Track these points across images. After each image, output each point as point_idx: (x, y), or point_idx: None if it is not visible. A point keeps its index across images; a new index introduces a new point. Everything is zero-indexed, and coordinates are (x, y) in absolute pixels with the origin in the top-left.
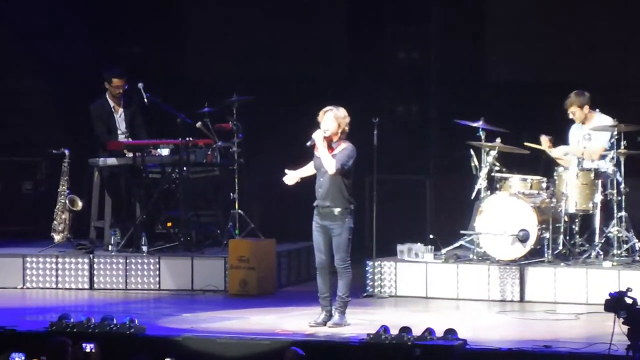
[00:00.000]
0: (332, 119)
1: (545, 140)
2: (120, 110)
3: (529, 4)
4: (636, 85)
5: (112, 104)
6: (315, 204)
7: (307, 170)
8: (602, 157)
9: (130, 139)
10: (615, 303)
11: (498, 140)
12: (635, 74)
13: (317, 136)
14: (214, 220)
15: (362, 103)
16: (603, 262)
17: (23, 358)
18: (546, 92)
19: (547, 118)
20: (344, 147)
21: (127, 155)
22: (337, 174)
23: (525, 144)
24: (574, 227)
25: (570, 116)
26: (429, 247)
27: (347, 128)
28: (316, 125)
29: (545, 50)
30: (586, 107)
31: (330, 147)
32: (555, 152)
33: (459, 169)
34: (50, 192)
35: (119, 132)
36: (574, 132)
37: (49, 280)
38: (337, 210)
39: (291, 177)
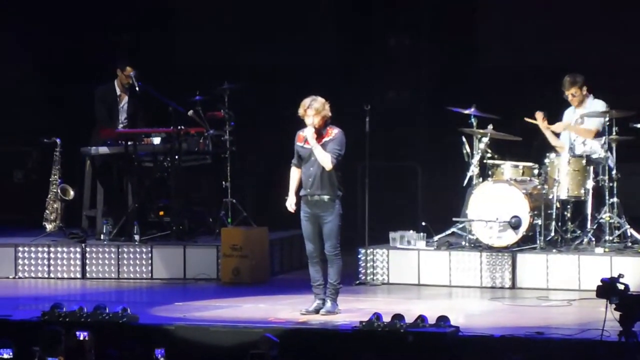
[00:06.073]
0: (313, 113)
1: (540, 115)
2: (125, 99)
3: None
4: (629, 70)
5: (119, 91)
6: (303, 194)
7: (296, 180)
8: (598, 136)
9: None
10: (607, 289)
11: (490, 127)
12: (628, 60)
13: (309, 134)
14: (206, 209)
15: (353, 90)
16: (595, 249)
17: (11, 354)
18: (539, 77)
19: (540, 103)
20: (334, 135)
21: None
22: (333, 168)
23: (525, 119)
24: (566, 213)
25: (570, 98)
26: (421, 234)
27: (329, 113)
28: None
29: (537, 35)
30: (584, 88)
31: (320, 136)
32: (554, 128)
33: (451, 156)
34: (42, 181)
35: (118, 121)
36: (568, 116)
37: (41, 270)
38: (326, 197)
39: (292, 202)
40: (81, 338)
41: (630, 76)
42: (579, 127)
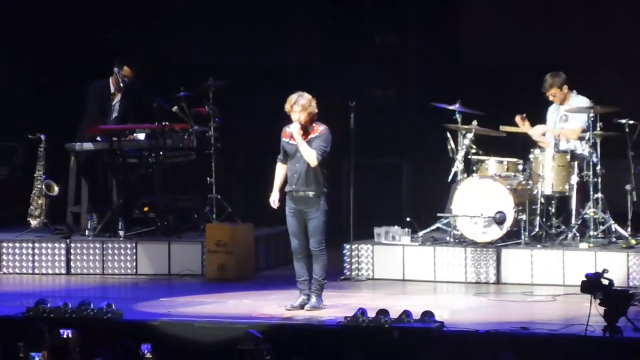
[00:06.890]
0: (300, 109)
1: (519, 119)
2: (118, 97)
3: None
4: (612, 66)
5: (112, 89)
6: (288, 190)
7: (281, 175)
8: (580, 138)
9: None
10: (592, 284)
11: (474, 122)
12: (611, 56)
13: (295, 130)
14: (191, 205)
15: (339, 87)
16: (579, 244)
17: None
18: (525, 74)
19: (525, 100)
20: (320, 132)
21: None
22: (318, 165)
23: (501, 128)
24: (550, 208)
25: (551, 98)
26: (406, 229)
27: (315, 110)
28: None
29: (523, 32)
30: (565, 87)
31: (305, 133)
32: (533, 132)
33: (436, 152)
34: (27, 177)
35: (108, 118)
36: (552, 113)
37: (26, 266)
38: (312, 194)
39: (275, 198)
40: (65, 336)
41: (614, 72)
42: (561, 130)
